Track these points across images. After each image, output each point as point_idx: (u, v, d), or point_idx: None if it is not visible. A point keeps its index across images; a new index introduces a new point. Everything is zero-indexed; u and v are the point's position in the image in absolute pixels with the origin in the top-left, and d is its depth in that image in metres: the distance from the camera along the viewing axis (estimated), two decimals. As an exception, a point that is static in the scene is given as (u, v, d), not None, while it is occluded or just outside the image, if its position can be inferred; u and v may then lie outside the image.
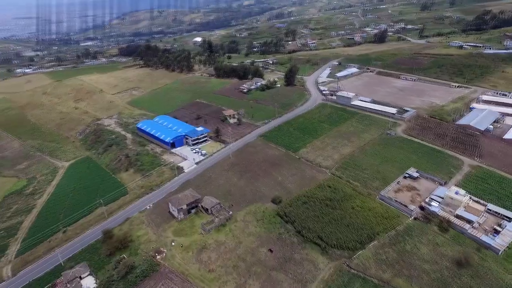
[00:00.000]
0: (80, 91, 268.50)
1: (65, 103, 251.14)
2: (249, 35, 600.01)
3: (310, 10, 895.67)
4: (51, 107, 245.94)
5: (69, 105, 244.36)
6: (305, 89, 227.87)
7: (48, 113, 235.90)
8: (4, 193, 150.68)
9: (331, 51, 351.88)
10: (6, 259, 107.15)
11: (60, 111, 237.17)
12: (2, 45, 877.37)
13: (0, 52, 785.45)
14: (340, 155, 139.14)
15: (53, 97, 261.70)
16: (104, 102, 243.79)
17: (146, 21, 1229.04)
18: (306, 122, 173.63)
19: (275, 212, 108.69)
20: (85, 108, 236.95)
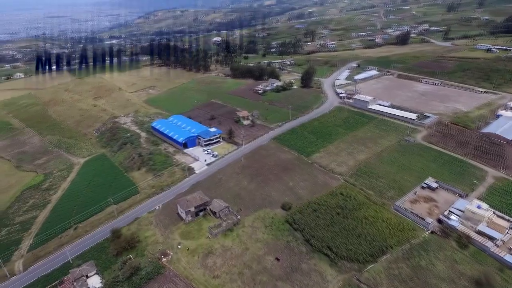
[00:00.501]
0: (100, 88, 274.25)
1: (85, 100, 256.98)
2: (268, 35, 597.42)
3: (331, 11, 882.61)
4: (72, 104, 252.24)
5: (89, 102, 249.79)
6: (322, 91, 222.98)
7: (68, 110, 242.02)
8: (23, 187, 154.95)
9: (351, 53, 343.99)
10: (19, 253, 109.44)
11: (80, 108, 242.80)
12: (32, 43, 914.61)
13: (30, 50, 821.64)
14: (355, 162, 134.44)
15: (74, 94, 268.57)
16: (122, 100, 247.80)
17: (169, 21, 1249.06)
18: (321, 126, 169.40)
19: (284, 218, 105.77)
20: (103, 105, 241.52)
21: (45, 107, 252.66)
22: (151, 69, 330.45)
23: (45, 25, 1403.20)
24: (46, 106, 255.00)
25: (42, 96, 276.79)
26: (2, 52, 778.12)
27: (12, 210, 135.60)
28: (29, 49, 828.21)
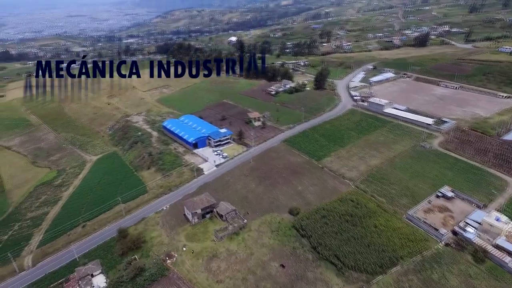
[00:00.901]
0: (114, 87, 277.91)
1: (99, 98, 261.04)
2: (283, 35, 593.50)
3: (348, 11, 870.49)
4: (87, 101, 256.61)
5: (103, 101, 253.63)
6: (335, 93, 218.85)
7: (83, 108, 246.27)
8: (36, 183, 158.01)
9: (367, 54, 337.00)
10: (29, 248, 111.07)
11: (94, 105, 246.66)
12: (54, 41, 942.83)
13: (52, 47, 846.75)
14: (367, 167, 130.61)
15: (89, 92, 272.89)
16: (135, 99, 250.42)
17: (185, 20, 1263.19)
18: (333, 129, 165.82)
19: (291, 224, 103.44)
20: (117, 104, 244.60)
21: (61, 104, 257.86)
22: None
23: (66, 24, 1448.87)
24: (62, 103, 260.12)
25: (59, 94, 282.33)
26: (25, 50, 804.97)
27: (25, 206, 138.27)
28: (51, 47, 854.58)
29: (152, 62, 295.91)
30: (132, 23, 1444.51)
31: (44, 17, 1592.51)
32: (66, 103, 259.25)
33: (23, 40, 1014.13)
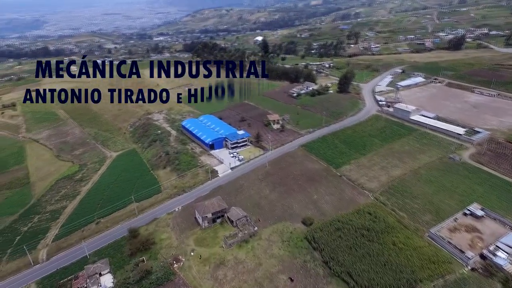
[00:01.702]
0: (140, 84, 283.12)
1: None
2: (310, 36, 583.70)
3: (379, 12, 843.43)
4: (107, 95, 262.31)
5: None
6: (360, 97, 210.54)
7: (108, 104, 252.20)
8: (58, 176, 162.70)
9: (396, 57, 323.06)
10: (45, 242, 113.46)
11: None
12: (89, 38, 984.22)
13: (86, 44, 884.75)
14: (388, 177, 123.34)
15: (116, 88, 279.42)
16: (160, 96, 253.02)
17: (214, 19, 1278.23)
18: (355, 135, 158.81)
19: (303, 235, 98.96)
20: (140, 101, 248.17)
21: (89, 105, 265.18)
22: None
23: (102, 21, 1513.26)
24: (91, 104, 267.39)
25: (86, 88, 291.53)
26: (63, 46, 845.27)
27: (46, 199, 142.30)
28: (86, 44, 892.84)
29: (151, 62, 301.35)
30: (163, 21, 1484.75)
31: (82, 15, 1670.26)
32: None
33: (62, 36, 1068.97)
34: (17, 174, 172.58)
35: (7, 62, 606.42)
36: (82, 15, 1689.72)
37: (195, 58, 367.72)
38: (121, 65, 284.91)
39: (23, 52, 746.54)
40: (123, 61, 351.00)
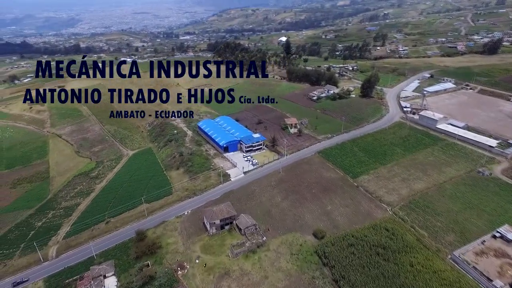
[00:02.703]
0: (160, 82, 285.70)
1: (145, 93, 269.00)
2: (335, 37, 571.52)
3: (409, 13, 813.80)
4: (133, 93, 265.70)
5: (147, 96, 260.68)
6: (383, 103, 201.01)
7: (128, 102, 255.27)
8: (75, 172, 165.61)
9: (425, 61, 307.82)
10: (56, 239, 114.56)
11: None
12: (119, 36, 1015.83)
13: (116, 42, 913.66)
14: (410, 191, 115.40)
15: (137, 87, 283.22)
16: (173, 95, 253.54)
17: (240, 19, 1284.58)
18: (376, 143, 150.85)
19: (314, 248, 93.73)
20: (159, 99, 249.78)
21: (109, 97, 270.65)
22: (210, 67, 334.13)
23: (132, 20, 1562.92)
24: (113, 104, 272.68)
25: (110, 86, 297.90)
26: (93, 44, 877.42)
27: (61, 194, 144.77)
28: (115, 42, 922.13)
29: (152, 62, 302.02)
30: (190, 20, 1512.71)
31: (113, 14, 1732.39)
32: (114, 96, 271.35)
33: (94, 34, 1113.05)
34: (39, 168, 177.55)
35: (42, 58, 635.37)
36: (114, 13, 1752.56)
37: (216, 57, 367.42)
38: (121, 65, 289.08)
39: (57, 49, 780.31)
40: (123, 61, 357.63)
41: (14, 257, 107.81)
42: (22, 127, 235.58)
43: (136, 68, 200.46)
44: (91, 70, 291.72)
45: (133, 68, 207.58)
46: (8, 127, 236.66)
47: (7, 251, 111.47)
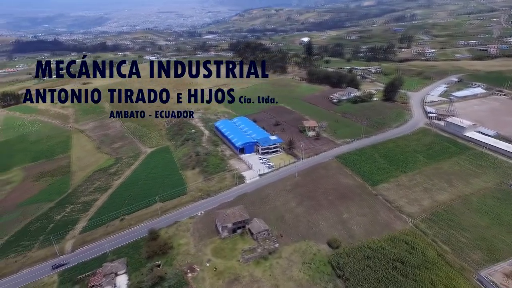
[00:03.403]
0: (180, 81, 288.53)
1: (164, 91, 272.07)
2: (359, 38, 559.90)
3: (438, 14, 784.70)
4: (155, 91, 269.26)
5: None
6: (407, 107, 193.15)
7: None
8: (95, 168, 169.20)
9: (453, 64, 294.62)
10: (73, 233, 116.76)
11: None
12: (144, 35, 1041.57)
13: (141, 40, 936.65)
14: (432, 202, 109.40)
15: (157, 85, 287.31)
16: (188, 95, 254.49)
17: (262, 19, 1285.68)
18: (397, 150, 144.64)
19: (327, 258, 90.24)
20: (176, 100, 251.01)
21: (131, 94, 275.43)
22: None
23: (156, 19, 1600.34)
24: (133, 93, 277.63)
25: (132, 84, 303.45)
26: (119, 42, 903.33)
27: (81, 189, 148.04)
28: (140, 40, 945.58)
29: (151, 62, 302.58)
30: (213, 20, 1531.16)
31: (139, 13, 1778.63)
32: (136, 94, 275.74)
33: (121, 33, 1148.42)
34: (62, 162, 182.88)
35: (70, 55, 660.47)
36: (139, 12, 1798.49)
37: (237, 57, 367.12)
38: (121, 65, 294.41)
39: (85, 46, 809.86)
40: (123, 61, 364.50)
41: (33, 249, 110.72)
42: (48, 121, 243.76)
43: (136, 69, 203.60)
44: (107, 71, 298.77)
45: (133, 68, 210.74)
46: (36, 121, 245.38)
47: (27, 242, 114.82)
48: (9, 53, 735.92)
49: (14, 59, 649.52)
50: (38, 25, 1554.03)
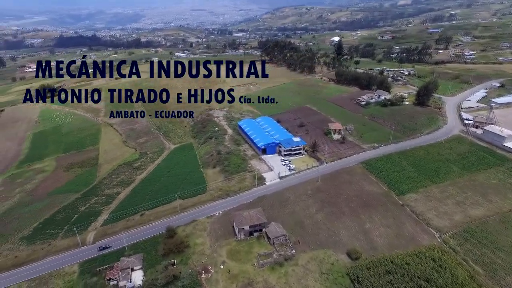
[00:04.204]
0: (208, 81, 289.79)
1: (192, 84, 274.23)
2: (392, 38, 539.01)
3: (480, 14, 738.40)
4: (181, 90, 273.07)
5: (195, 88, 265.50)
6: (441, 113, 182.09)
7: (176, 96, 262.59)
8: (120, 161, 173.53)
9: (495, 68, 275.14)
10: (95, 225, 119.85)
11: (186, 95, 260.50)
12: (176, 32, 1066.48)
13: (173, 37, 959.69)
14: (465, 217, 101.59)
15: (185, 82, 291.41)
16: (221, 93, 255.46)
17: (293, 17, 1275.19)
18: (428, 158, 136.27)
19: (346, 270, 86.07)
20: (206, 96, 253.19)
21: (159, 91, 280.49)
22: (257, 65, 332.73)
23: (189, 17, 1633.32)
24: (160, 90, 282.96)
25: (159, 81, 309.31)
26: (153, 38, 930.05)
27: (105, 182, 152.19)
28: (172, 37, 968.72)
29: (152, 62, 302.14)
30: (244, 18, 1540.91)
31: (173, 10, 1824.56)
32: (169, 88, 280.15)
33: (155, 29, 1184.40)
34: (90, 154, 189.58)
35: (106, 50, 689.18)
36: (173, 10, 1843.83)
37: (264, 56, 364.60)
38: (121, 65, 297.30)
39: (120, 42, 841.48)
40: (123, 61, 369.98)
41: (57, 238, 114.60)
42: (80, 114, 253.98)
43: (136, 69, 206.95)
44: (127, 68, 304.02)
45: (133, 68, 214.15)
46: (69, 114, 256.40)
47: (53, 231, 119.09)
48: (51, 48, 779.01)
49: (56, 53, 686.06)
50: (80, 21, 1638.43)
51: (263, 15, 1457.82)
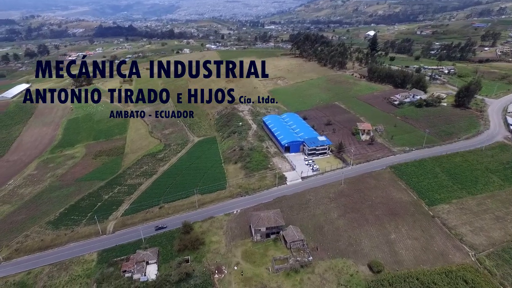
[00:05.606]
0: (234, 72, 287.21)
1: (219, 81, 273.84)
2: (432, 33, 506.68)
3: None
4: (208, 83, 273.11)
5: (221, 84, 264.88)
6: (483, 116, 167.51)
7: (203, 88, 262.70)
8: (145, 152, 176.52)
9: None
10: (115, 215, 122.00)
11: (212, 88, 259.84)
12: (209, 23, 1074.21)
13: (206, 29, 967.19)
14: (504, 234, 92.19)
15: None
16: (249, 87, 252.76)
17: (328, 10, 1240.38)
18: (465, 166, 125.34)
19: (366, 283, 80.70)
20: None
21: (187, 82, 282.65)
22: (287, 59, 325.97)
23: (223, 8, 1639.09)
24: (189, 81, 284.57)
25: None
26: (186, 29, 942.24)
27: (129, 172, 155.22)
28: (205, 28, 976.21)
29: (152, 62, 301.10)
30: (277, 10, 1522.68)
31: (208, 2, 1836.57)
32: (191, 82, 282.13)
33: (188, 21, 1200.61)
34: (118, 143, 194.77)
35: (141, 41, 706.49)
36: (208, 1, 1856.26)
37: (294, 49, 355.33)
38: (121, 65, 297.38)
39: (155, 33, 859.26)
40: (123, 61, 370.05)
41: (80, 225, 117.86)
42: (111, 103, 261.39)
43: (136, 68, 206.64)
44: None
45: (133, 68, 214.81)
46: (102, 103, 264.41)
47: (77, 217, 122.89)
48: (91, 37, 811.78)
49: (95, 43, 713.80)
50: (119, 12, 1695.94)
51: (297, 8, 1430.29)
